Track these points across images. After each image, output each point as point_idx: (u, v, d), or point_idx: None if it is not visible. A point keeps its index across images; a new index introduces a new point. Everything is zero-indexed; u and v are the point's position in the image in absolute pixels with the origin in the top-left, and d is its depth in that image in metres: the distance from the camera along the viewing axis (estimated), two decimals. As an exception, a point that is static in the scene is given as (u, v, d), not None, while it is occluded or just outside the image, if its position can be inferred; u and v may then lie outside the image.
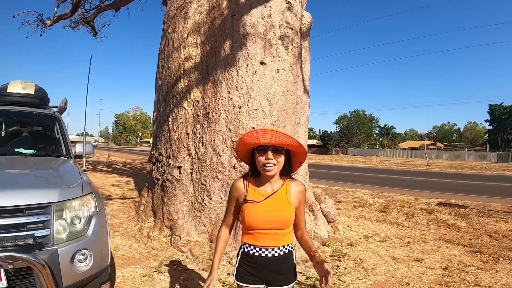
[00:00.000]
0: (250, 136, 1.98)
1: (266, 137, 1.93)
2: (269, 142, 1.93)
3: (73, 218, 2.84)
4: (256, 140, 1.95)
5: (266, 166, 1.95)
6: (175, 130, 5.72)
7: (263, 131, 1.95)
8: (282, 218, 2.02)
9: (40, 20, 13.35)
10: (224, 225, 2.21)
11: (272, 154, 1.94)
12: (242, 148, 2.06)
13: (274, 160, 1.95)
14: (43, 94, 4.81)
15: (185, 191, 5.48)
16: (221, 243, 2.18)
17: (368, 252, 5.31)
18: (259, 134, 1.95)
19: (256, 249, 2.05)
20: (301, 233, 2.19)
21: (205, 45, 5.71)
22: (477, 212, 8.49)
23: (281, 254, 2.06)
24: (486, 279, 4.36)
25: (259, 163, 1.98)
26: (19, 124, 4.57)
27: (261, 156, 1.95)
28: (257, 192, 2.05)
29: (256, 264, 2.06)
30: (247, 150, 2.06)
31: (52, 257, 2.58)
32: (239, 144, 2.07)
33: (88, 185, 3.20)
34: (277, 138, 1.92)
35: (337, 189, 13.18)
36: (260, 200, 2.01)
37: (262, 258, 2.04)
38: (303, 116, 6.28)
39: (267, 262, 2.04)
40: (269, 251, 2.04)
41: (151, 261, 4.67)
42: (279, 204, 2.02)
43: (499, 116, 76.92)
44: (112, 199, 8.78)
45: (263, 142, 1.94)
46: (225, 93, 5.26)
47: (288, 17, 5.63)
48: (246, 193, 2.05)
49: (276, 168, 1.97)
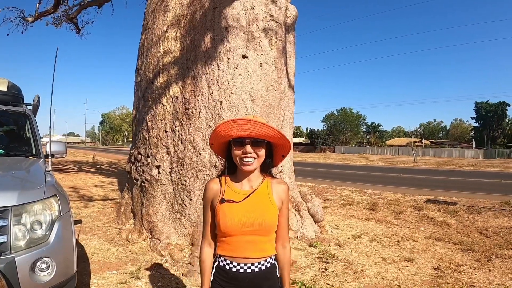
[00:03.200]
0: (225, 127, 1.70)
1: (243, 128, 1.66)
2: (248, 134, 1.67)
3: (33, 223, 2.60)
4: (232, 131, 1.69)
5: (244, 160, 1.69)
6: (154, 127, 5.46)
7: (241, 121, 1.67)
8: (264, 220, 1.72)
9: (21, 17, 13.08)
10: (206, 242, 1.87)
11: (251, 147, 1.68)
12: (217, 141, 1.79)
13: (254, 154, 1.69)
14: (16, 91, 4.65)
15: (164, 192, 5.23)
16: (207, 267, 1.84)
17: (357, 253, 5.13)
18: (236, 125, 1.67)
19: (233, 264, 1.74)
20: (283, 249, 1.87)
21: (185, 38, 5.46)
22: (466, 208, 8.42)
23: (262, 269, 1.76)
24: (480, 279, 4.20)
25: (235, 157, 1.71)
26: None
27: (238, 150, 1.69)
28: (234, 190, 1.77)
29: (233, 280, 1.75)
30: (223, 143, 1.79)
31: (9, 267, 2.35)
32: (213, 137, 1.78)
33: (52, 186, 2.94)
34: (256, 129, 1.66)
35: (325, 187, 13.06)
36: (239, 200, 1.73)
37: (240, 274, 1.73)
38: (288, 112, 6.06)
39: (247, 279, 1.74)
40: (248, 266, 1.73)
41: (129, 266, 4.43)
42: (259, 203, 1.74)
43: (485, 113, 78.20)
44: (94, 200, 8.55)
45: (240, 134, 1.68)
46: (205, 88, 5.01)
47: (272, 10, 5.42)
48: (223, 192, 1.76)
49: (256, 163, 1.71)
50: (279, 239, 1.86)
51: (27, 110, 4.60)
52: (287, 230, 1.90)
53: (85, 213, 7.08)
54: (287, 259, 1.88)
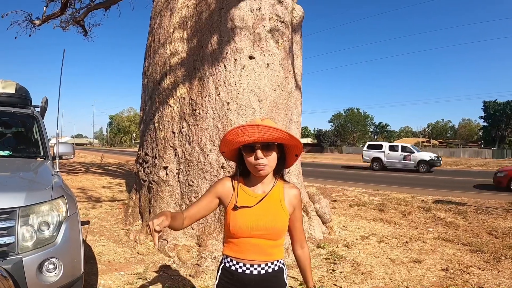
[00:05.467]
0: (233, 134, 1.68)
1: (250, 134, 1.63)
2: (256, 139, 1.64)
3: (40, 224, 2.61)
4: (240, 138, 1.66)
5: (257, 166, 1.66)
6: (161, 129, 5.47)
7: (246, 127, 1.64)
8: (274, 225, 1.70)
9: (29, 20, 13.17)
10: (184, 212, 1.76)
11: (262, 151, 1.66)
12: (227, 148, 1.77)
13: (265, 159, 1.66)
14: (24, 93, 4.67)
15: (172, 193, 5.23)
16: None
17: (365, 254, 5.10)
18: (243, 131, 1.65)
19: (239, 264, 1.71)
20: (302, 250, 1.89)
21: (192, 40, 5.47)
22: (475, 209, 8.34)
23: (269, 272, 1.72)
24: (489, 280, 4.16)
25: (249, 164, 1.69)
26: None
27: (250, 156, 1.67)
28: (248, 193, 1.75)
29: (238, 282, 1.72)
30: (233, 150, 1.77)
31: (16, 267, 2.37)
32: (223, 145, 1.77)
33: (60, 187, 2.95)
34: (264, 133, 1.63)
35: (332, 187, 13.01)
36: (252, 205, 1.71)
37: (246, 275, 1.70)
38: (295, 113, 6.05)
39: (252, 281, 1.70)
40: (254, 267, 1.70)
41: (136, 267, 4.44)
42: (271, 208, 1.72)
43: (494, 112, 77.27)
44: (101, 201, 8.60)
45: (249, 141, 1.65)
46: (212, 89, 5.01)
47: (279, 10, 5.41)
48: (236, 197, 1.74)
49: (268, 167, 1.69)
50: (297, 242, 1.88)
51: (35, 112, 4.61)
52: (303, 232, 1.91)
53: (93, 214, 7.12)
54: (307, 259, 1.91)
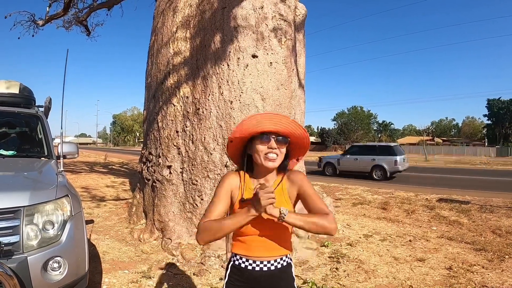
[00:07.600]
0: (253, 119, 1.65)
1: (274, 122, 1.63)
2: (277, 129, 1.64)
3: (45, 223, 2.64)
4: (261, 125, 1.64)
5: (268, 155, 1.65)
6: (165, 128, 5.49)
7: (270, 114, 1.65)
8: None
9: (32, 21, 13.20)
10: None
11: (276, 144, 1.66)
12: (240, 135, 1.69)
13: (278, 150, 1.66)
14: (28, 93, 4.71)
15: (175, 192, 5.25)
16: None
17: (368, 252, 5.10)
18: (266, 117, 1.65)
19: (249, 262, 1.71)
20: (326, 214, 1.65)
21: (195, 39, 5.47)
22: (478, 207, 8.30)
23: (278, 268, 1.72)
24: (493, 279, 4.14)
25: (260, 153, 1.67)
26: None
27: (264, 145, 1.66)
28: (252, 189, 1.72)
29: (248, 279, 1.72)
30: (240, 142, 1.74)
31: (21, 266, 2.39)
32: (238, 130, 1.69)
33: (64, 187, 2.97)
34: (287, 124, 1.64)
35: (336, 186, 12.99)
36: None
37: (255, 272, 1.70)
38: (299, 112, 6.04)
39: (262, 277, 1.70)
40: (264, 264, 1.70)
41: (140, 265, 4.46)
42: (277, 203, 1.66)
43: (497, 110, 76.89)
44: (105, 200, 8.62)
45: (271, 128, 1.64)
46: (216, 88, 5.02)
47: (281, 9, 5.39)
48: (242, 189, 1.72)
49: (278, 160, 1.69)
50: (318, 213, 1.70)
51: (39, 112, 4.64)
52: (322, 204, 1.71)
53: (97, 213, 7.15)
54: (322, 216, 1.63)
